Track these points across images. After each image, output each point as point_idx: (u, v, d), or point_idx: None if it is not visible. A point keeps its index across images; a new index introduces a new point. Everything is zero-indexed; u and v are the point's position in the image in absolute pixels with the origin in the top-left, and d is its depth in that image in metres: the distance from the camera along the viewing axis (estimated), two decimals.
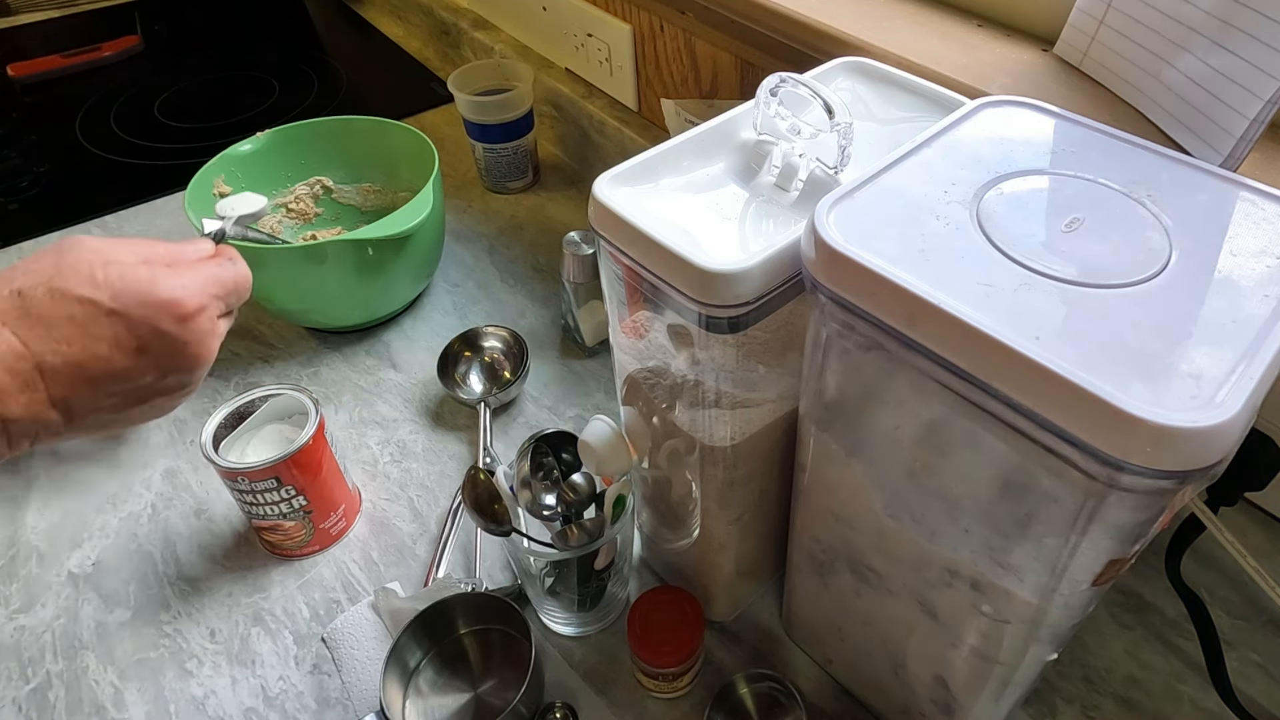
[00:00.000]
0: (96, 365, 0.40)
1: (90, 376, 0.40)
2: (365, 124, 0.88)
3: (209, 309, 0.44)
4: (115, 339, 0.40)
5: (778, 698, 0.54)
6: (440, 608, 0.56)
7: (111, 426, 0.44)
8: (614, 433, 0.51)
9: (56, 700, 0.58)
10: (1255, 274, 0.33)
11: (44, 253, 0.41)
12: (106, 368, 0.40)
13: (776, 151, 0.45)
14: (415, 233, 0.75)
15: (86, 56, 1.33)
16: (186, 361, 0.43)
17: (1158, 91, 0.50)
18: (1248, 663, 0.55)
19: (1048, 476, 0.32)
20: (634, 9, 0.86)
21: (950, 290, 0.32)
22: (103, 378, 0.41)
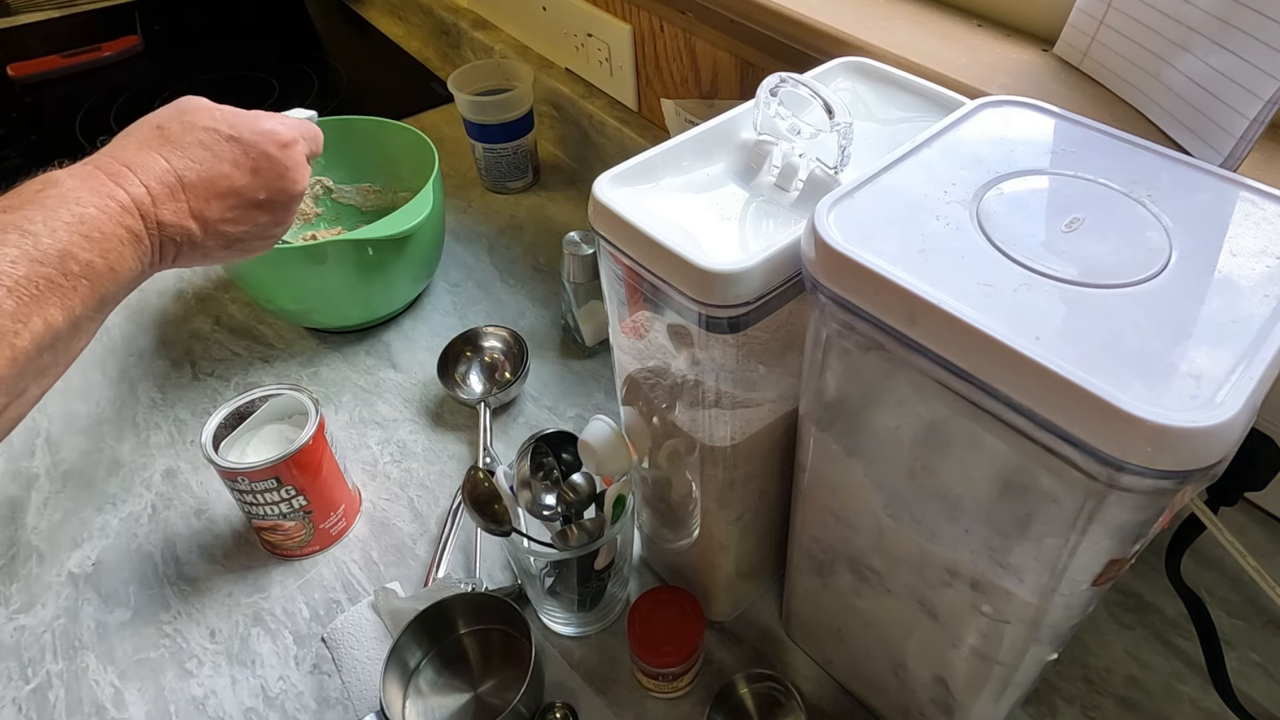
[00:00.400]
0: (222, 180, 0.49)
1: (218, 190, 0.49)
2: (365, 124, 0.88)
3: (299, 144, 0.55)
4: (234, 159, 0.50)
5: (778, 698, 0.54)
6: (440, 608, 0.56)
7: (231, 247, 0.52)
8: (614, 433, 0.51)
9: (56, 700, 0.58)
10: (1255, 274, 0.33)
11: (167, 106, 0.51)
12: (229, 183, 0.50)
13: (776, 151, 0.45)
14: (415, 233, 0.75)
15: (86, 56, 1.33)
16: (286, 184, 0.53)
17: (1158, 91, 0.50)
18: (1248, 663, 0.55)
19: (1048, 476, 0.32)
20: (634, 9, 0.86)
21: (950, 290, 0.32)
22: (227, 192, 0.50)
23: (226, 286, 0.91)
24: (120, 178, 0.45)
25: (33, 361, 0.40)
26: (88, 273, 0.42)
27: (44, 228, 0.40)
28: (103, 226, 0.43)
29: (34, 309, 0.39)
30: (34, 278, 0.39)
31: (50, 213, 0.41)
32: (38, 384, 0.41)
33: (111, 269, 0.43)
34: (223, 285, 0.91)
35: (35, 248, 0.40)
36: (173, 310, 0.89)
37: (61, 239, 0.41)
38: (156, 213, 0.46)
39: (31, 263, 0.39)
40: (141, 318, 0.88)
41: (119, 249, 0.43)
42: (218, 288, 0.91)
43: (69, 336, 0.42)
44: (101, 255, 0.42)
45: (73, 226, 0.41)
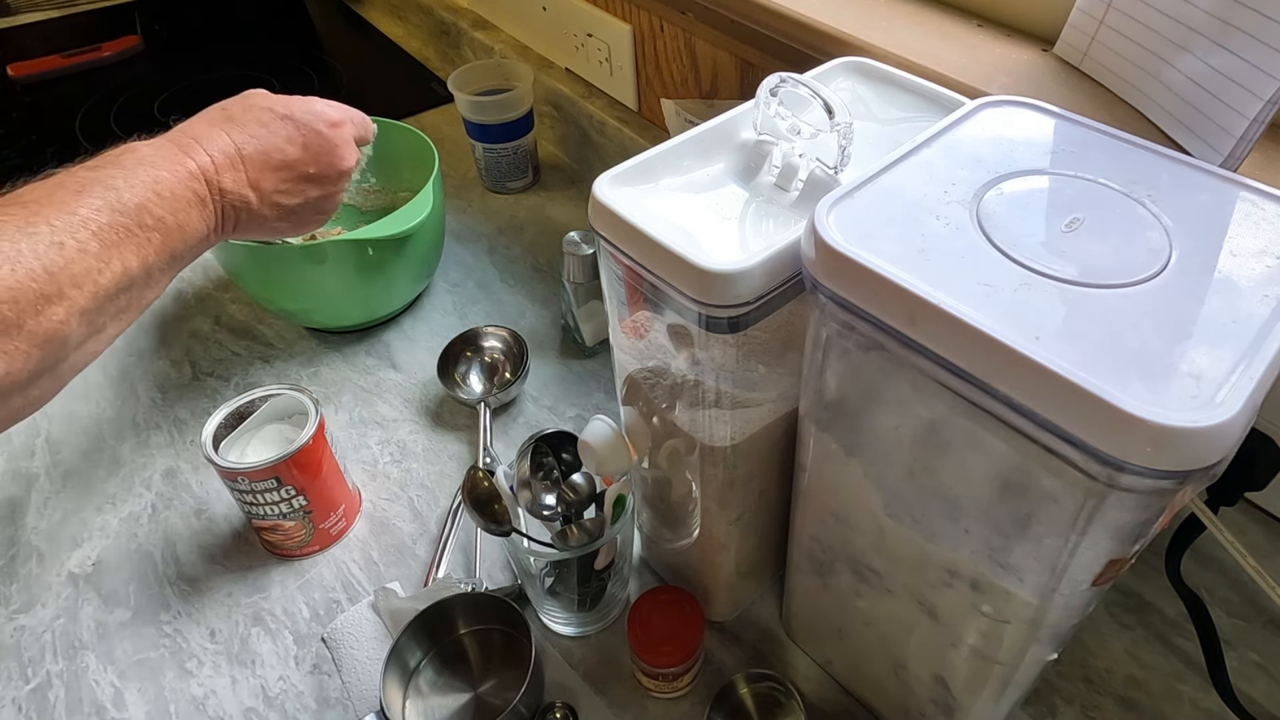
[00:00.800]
0: (277, 154, 0.55)
1: (272, 163, 0.55)
2: None
3: (347, 125, 0.61)
4: (288, 136, 0.57)
5: (778, 698, 0.54)
6: (440, 608, 0.56)
7: (286, 219, 0.57)
8: (614, 433, 0.51)
9: (56, 700, 0.58)
10: (1255, 274, 0.33)
11: (232, 98, 0.59)
12: (283, 157, 0.56)
13: (776, 151, 0.45)
14: (415, 233, 0.75)
15: (86, 56, 1.33)
16: (335, 160, 0.59)
17: (1158, 91, 0.50)
18: (1248, 662, 0.55)
19: (1048, 476, 0.32)
20: (634, 9, 0.86)
21: (950, 290, 0.32)
22: (280, 165, 0.56)
23: (226, 286, 0.91)
24: (189, 149, 0.51)
25: (112, 300, 0.45)
26: (160, 227, 0.47)
27: (125, 184, 0.46)
28: (174, 188, 0.48)
29: (115, 253, 0.44)
30: (115, 226, 0.45)
31: (130, 173, 0.47)
32: (114, 324, 0.46)
33: (180, 226, 0.48)
34: (223, 285, 0.91)
35: (118, 200, 0.45)
36: (172, 310, 0.89)
37: (139, 195, 0.46)
38: (219, 180, 0.51)
39: (114, 212, 0.45)
40: (141, 318, 0.87)
41: (187, 210, 0.49)
42: (218, 288, 0.91)
43: (142, 283, 0.47)
44: (172, 213, 0.48)
45: (148, 185, 0.47)
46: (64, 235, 0.42)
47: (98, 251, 0.43)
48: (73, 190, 0.45)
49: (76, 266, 0.42)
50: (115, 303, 0.45)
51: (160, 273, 0.48)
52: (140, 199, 0.46)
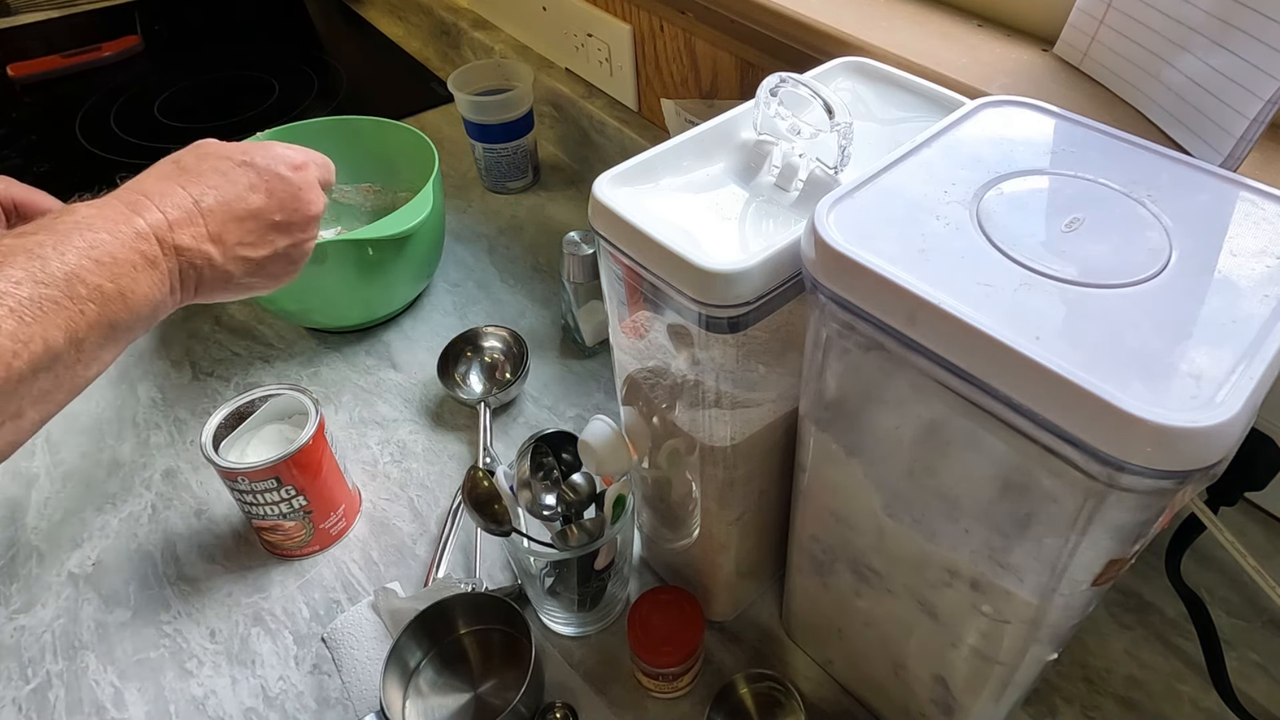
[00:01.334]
0: (239, 203, 0.50)
1: (235, 214, 0.50)
2: (365, 124, 0.88)
3: (310, 167, 0.56)
4: (250, 183, 0.52)
5: (778, 698, 0.54)
6: (440, 608, 0.56)
7: (255, 274, 0.53)
8: (614, 433, 0.51)
9: (56, 700, 0.58)
10: (1255, 274, 0.33)
11: (184, 149, 0.54)
12: (246, 206, 0.51)
13: (776, 151, 0.45)
14: (415, 233, 0.75)
15: (86, 56, 1.33)
16: (301, 205, 0.54)
17: (1158, 91, 0.50)
18: (1248, 662, 0.55)
19: (1048, 476, 0.32)
20: (634, 9, 0.86)
21: (950, 290, 0.32)
22: (244, 215, 0.51)
23: None
24: (138, 206, 0.46)
25: (28, 382, 0.39)
26: (95, 296, 0.42)
27: (53, 251, 0.41)
28: (115, 251, 0.43)
29: (35, 330, 0.39)
30: (37, 299, 0.40)
31: (62, 238, 0.42)
32: (36, 409, 0.41)
33: (123, 294, 0.43)
34: None
35: (42, 270, 0.40)
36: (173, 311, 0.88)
37: (70, 262, 0.41)
38: (174, 238, 0.47)
39: (36, 284, 0.40)
40: None
41: (132, 274, 0.44)
42: None
43: (72, 361, 0.41)
44: (112, 280, 0.43)
45: (83, 251, 0.42)
46: None
47: (14, 330, 0.38)
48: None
49: None
50: (34, 385, 0.40)
51: (97, 347, 0.43)
52: (71, 267, 0.41)
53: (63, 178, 1.08)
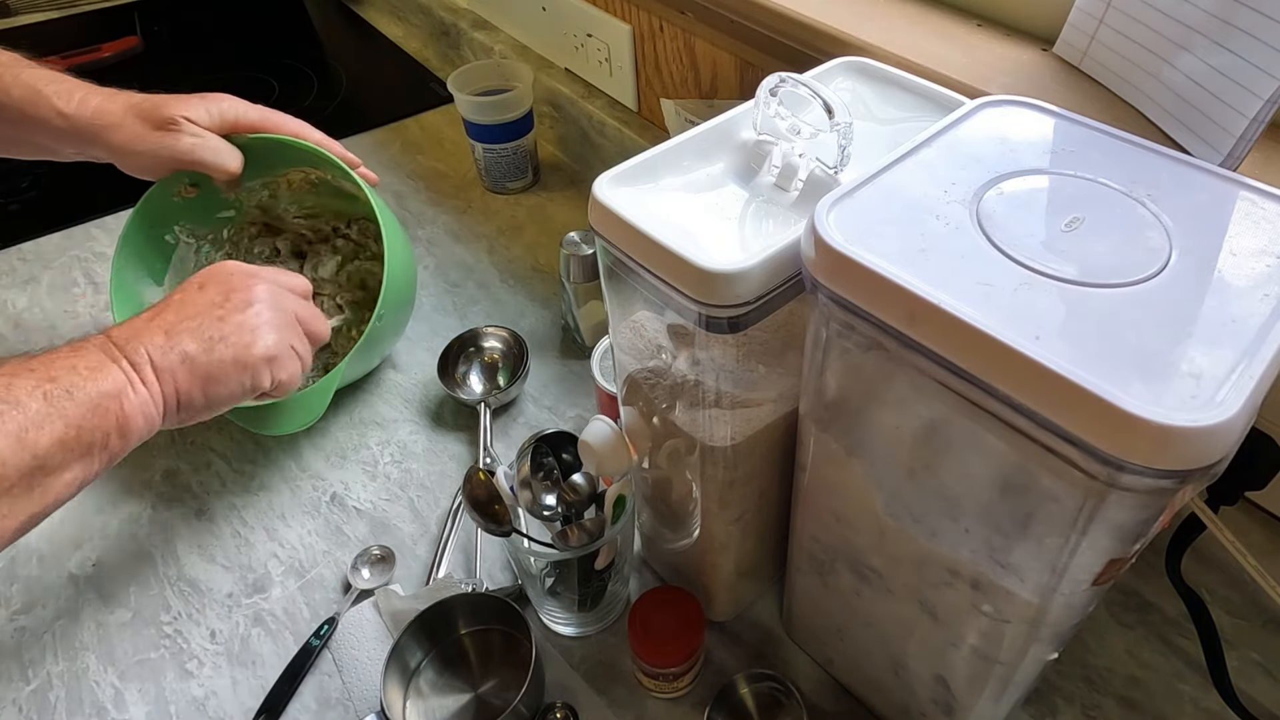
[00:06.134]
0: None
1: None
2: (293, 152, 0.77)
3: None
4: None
5: (778, 698, 0.54)
6: (441, 608, 0.56)
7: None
8: (614, 433, 0.51)
9: (57, 701, 0.58)
10: (1255, 273, 0.33)
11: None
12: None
13: (776, 151, 0.45)
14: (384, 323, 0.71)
15: (86, 57, 1.33)
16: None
17: (1158, 91, 0.50)
18: (1248, 662, 0.55)
19: (1048, 476, 0.32)
20: (634, 9, 0.86)
21: (950, 290, 0.32)
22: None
23: None
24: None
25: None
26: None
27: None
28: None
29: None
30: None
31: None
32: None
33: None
34: None
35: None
36: None
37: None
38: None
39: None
40: None
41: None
42: None
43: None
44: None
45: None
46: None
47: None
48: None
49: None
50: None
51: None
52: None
53: (63, 178, 1.08)
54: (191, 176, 0.76)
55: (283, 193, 0.84)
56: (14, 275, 0.94)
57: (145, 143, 0.68)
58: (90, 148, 0.68)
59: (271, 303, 0.59)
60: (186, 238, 0.80)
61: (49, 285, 0.93)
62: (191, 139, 0.70)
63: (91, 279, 0.93)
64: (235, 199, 0.82)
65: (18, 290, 0.92)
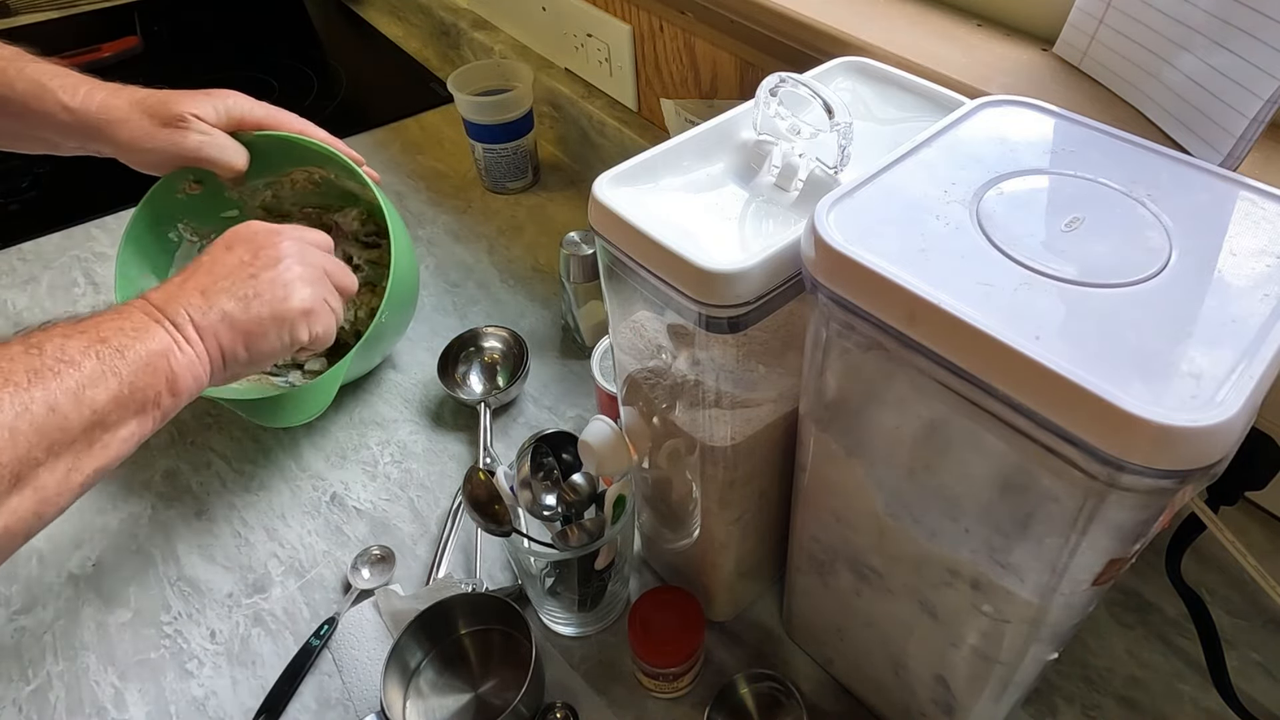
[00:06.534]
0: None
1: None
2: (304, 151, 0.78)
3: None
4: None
5: (778, 697, 0.54)
6: (441, 608, 0.56)
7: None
8: (614, 433, 0.51)
9: (57, 701, 0.58)
10: (1255, 273, 0.33)
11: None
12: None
13: (776, 151, 0.45)
14: (386, 325, 0.71)
15: (86, 57, 1.33)
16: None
17: (1158, 91, 0.50)
18: (1248, 662, 0.55)
19: (1048, 476, 0.32)
20: (634, 9, 0.86)
21: (950, 290, 0.32)
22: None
23: None
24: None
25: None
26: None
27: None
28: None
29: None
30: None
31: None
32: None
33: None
34: None
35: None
36: None
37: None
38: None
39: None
40: None
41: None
42: None
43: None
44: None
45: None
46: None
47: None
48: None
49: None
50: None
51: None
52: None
53: (63, 178, 1.08)
54: (196, 173, 0.76)
55: (286, 192, 0.84)
56: (14, 275, 0.94)
57: (153, 139, 0.68)
58: (94, 142, 0.68)
59: (300, 257, 0.60)
60: (190, 236, 0.80)
61: (49, 285, 0.93)
62: (199, 136, 0.70)
63: (91, 279, 0.93)
64: (239, 198, 0.82)
65: (18, 290, 0.92)
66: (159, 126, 0.68)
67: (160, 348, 0.50)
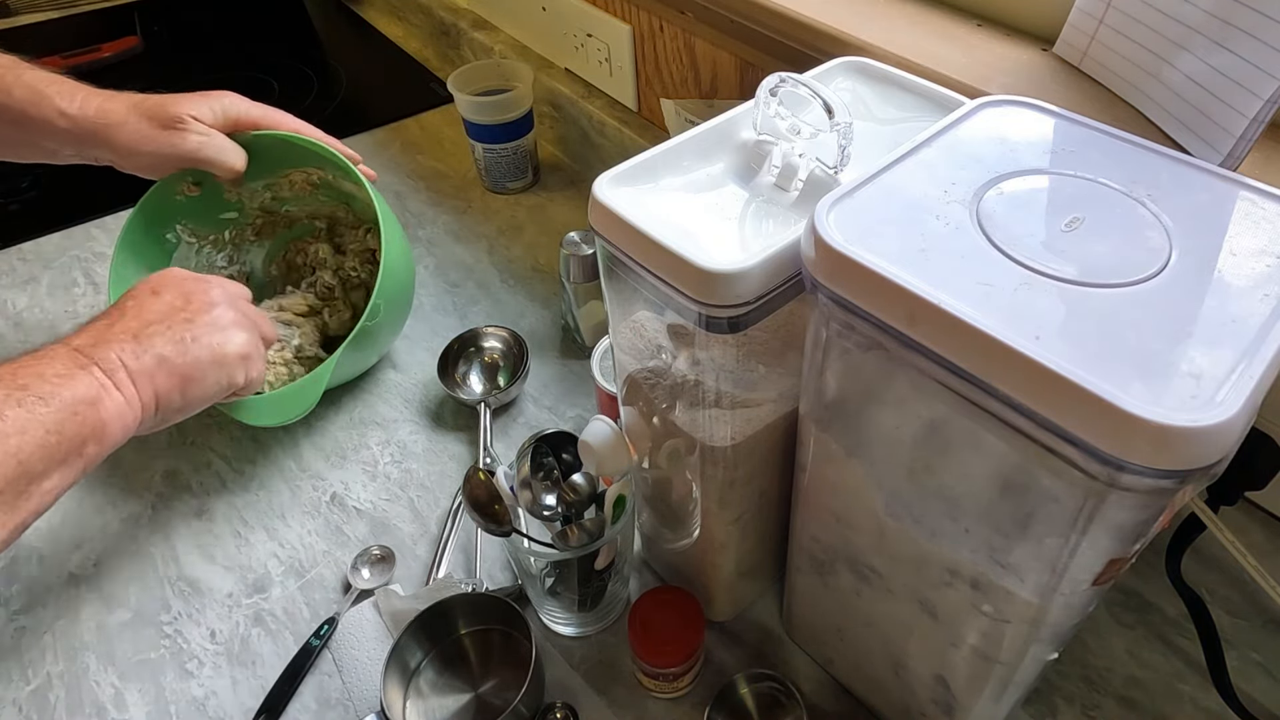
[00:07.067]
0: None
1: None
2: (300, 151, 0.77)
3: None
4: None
5: (778, 698, 0.54)
6: (441, 608, 0.56)
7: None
8: (614, 433, 0.51)
9: (57, 701, 0.58)
10: (1255, 273, 0.33)
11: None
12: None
13: (776, 151, 0.45)
14: (379, 318, 0.71)
15: (86, 57, 1.33)
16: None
17: (1158, 91, 0.50)
18: (1248, 662, 0.55)
19: (1048, 476, 0.32)
20: (634, 9, 0.86)
21: (950, 290, 0.32)
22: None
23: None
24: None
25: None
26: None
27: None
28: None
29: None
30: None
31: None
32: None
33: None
34: None
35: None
36: None
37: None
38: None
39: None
40: None
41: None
42: None
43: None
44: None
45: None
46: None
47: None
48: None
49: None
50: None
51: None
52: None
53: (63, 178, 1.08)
54: (194, 175, 0.76)
55: (285, 193, 0.84)
56: (14, 275, 0.94)
57: (152, 142, 0.68)
58: (92, 148, 0.68)
59: (230, 304, 0.60)
60: (188, 238, 0.80)
61: (49, 285, 0.93)
62: (198, 138, 0.70)
63: (91, 279, 0.93)
64: (237, 199, 0.82)
65: (18, 290, 0.92)
66: (157, 129, 0.68)
67: (86, 394, 0.48)
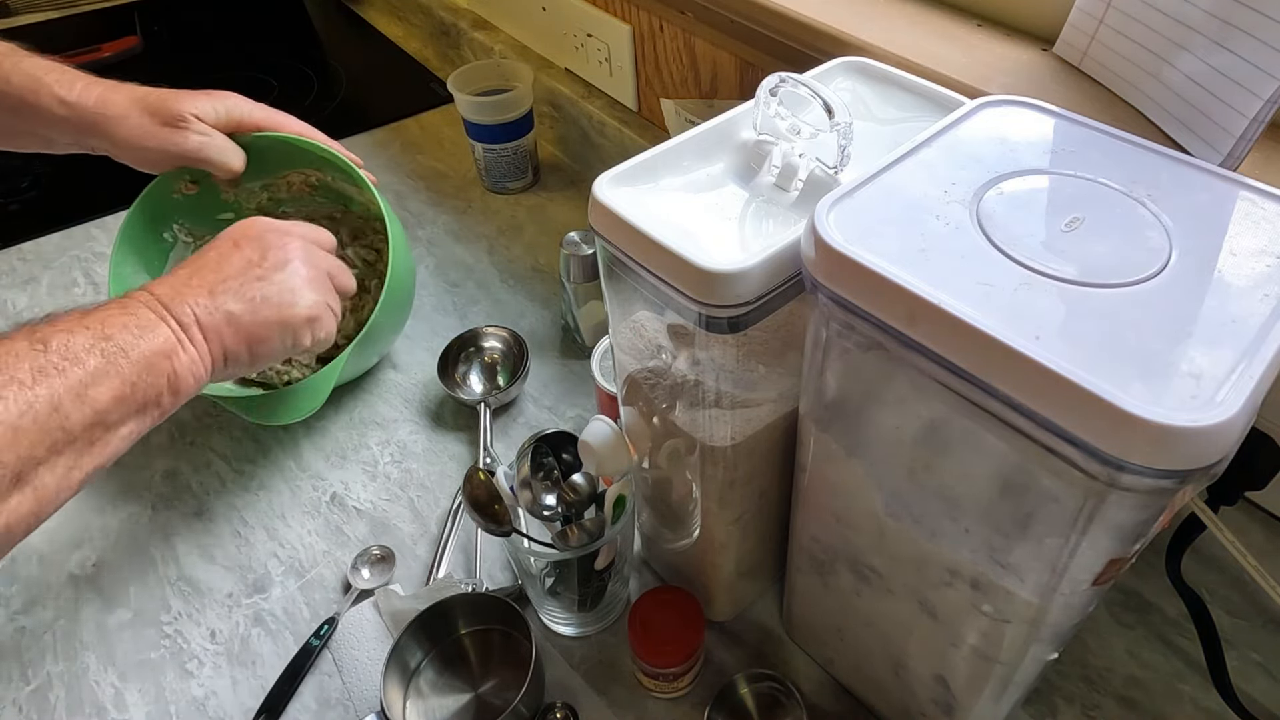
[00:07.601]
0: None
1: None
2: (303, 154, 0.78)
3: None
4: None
5: (778, 698, 0.54)
6: (441, 608, 0.56)
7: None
8: (614, 433, 0.51)
9: (57, 701, 0.58)
10: (1255, 273, 0.33)
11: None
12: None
13: (776, 151, 0.45)
14: (379, 322, 0.71)
15: (86, 57, 1.33)
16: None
17: (1158, 91, 0.50)
18: (1248, 662, 0.55)
19: (1048, 476, 0.32)
20: (634, 9, 0.86)
21: (950, 290, 0.32)
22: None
23: None
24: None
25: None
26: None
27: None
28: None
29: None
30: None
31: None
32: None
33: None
34: None
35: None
36: None
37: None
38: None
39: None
40: None
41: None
42: None
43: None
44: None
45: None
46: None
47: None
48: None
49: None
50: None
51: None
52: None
53: (63, 178, 1.08)
54: (192, 174, 0.76)
55: (282, 194, 0.84)
56: (14, 275, 0.94)
57: (153, 138, 0.68)
58: (90, 138, 0.68)
59: (306, 259, 0.60)
60: (185, 237, 0.80)
61: (49, 285, 0.93)
62: (200, 137, 0.70)
63: (91, 279, 0.93)
64: (234, 200, 0.82)
65: (18, 290, 0.92)
66: (159, 125, 0.68)
67: (164, 347, 0.50)
